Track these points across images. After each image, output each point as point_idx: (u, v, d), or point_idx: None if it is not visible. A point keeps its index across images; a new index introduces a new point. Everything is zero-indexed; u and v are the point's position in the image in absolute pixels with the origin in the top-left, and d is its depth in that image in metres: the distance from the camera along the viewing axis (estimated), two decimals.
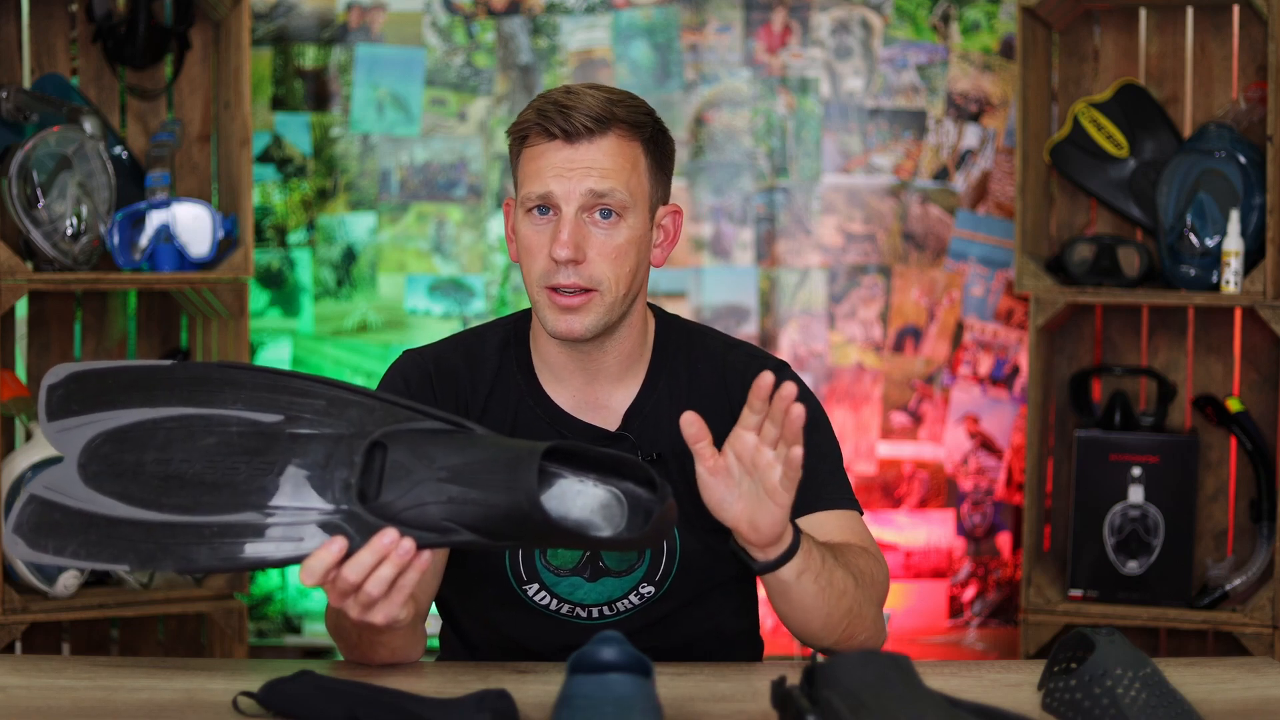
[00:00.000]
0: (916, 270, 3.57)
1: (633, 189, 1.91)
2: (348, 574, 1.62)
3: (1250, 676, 1.83)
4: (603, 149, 1.89)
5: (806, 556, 1.76)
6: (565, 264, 1.88)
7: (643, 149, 1.93)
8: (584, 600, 1.95)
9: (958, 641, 3.58)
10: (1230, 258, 3.04)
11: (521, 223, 1.93)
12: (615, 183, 1.89)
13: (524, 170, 1.92)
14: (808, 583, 1.77)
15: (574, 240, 1.88)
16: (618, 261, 1.90)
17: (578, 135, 1.89)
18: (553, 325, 1.90)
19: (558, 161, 1.89)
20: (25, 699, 1.70)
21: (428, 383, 1.98)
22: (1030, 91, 3.21)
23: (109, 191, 3.02)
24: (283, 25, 3.55)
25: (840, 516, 1.95)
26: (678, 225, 2.01)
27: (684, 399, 1.98)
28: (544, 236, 1.90)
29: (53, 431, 1.71)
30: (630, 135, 1.91)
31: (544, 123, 1.89)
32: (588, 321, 1.90)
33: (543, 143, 1.90)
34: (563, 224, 1.88)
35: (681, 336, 2.03)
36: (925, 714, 1.44)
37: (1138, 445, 3.19)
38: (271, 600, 3.55)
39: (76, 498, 1.68)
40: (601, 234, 1.90)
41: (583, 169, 1.88)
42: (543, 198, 1.90)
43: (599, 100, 1.90)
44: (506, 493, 1.61)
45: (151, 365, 1.73)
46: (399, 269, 3.57)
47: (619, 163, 1.90)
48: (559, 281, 1.89)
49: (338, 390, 1.69)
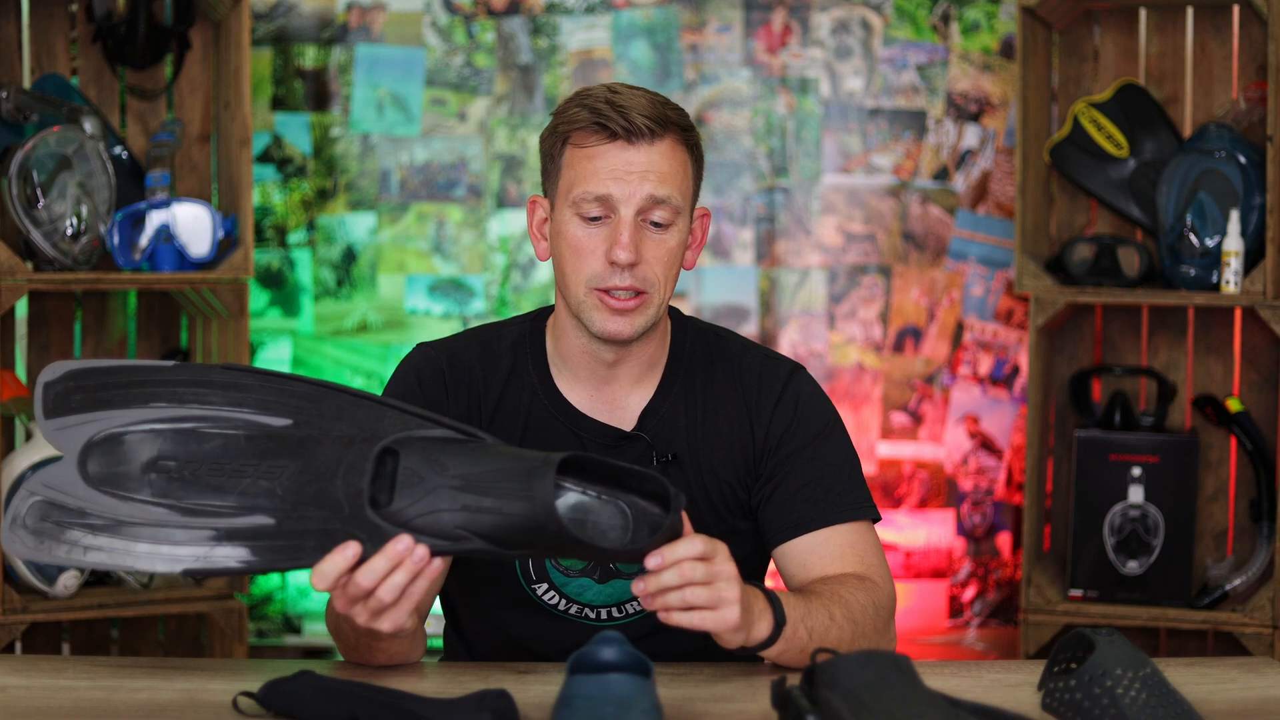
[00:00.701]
0: (916, 270, 3.57)
1: (684, 194, 1.91)
2: (360, 580, 1.61)
3: (1250, 676, 1.83)
4: (660, 152, 1.88)
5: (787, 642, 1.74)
6: (623, 268, 1.87)
7: (688, 154, 1.93)
8: (593, 601, 1.95)
9: (958, 641, 3.58)
10: (1230, 258, 3.04)
11: (569, 223, 1.90)
12: (672, 188, 1.88)
13: (576, 170, 1.89)
14: (792, 656, 1.76)
15: (634, 244, 1.87)
16: (669, 265, 1.90)
17: (639, 136, 1.87)
18: (601, 326, 1.89)
19: (617, 163, 1.87)
20: (25, 699, 1.70)
21: (440, 378, 1.97)
22: (1030, 91, 3.21)
23: (109, 191, 3.02)
24: (283, 25, 3.55)
25: (847, 533, 1.93)
26: (705, 228, 2.01)
27: (700, 401, 1.97)
28: (597, 239, 1.88)
29: (50, 429, 1.70)
30: (682, 139, 1.91)
31: (603, 121, 1.86)
32: (638, 323, 1.89)
33: (599, 143, 1.87)
34: (622, 227, 1.86)
35: (698, 338, 2.03)
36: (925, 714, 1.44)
37: (1138, 445, 3.19)
38: (271, 600, 3.55)
39: (78, 496, 1.67)
40: (655, 237, 1.89)
41: (641, 172, 1.87)
42: (601, 200, 1.87)
43: (651, 102, 1.89)
44: (522, 502, 1.60)
45: (151, 365, 1.71)
46: (399, 269, 3.57)
47: (674, 166, 1.89)
48: (614, 284, 1.87)
49: (345, 395, 1.68)
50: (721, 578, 1.65)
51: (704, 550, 1.64)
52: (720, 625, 1.66)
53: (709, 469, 1.96)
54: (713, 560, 1.64)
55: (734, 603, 1.65)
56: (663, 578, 1.63)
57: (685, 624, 1.65)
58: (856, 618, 1.82)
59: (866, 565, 1.91)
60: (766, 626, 1.72)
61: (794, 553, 1.93)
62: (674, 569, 1.63)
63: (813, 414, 1.98)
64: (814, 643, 1.75)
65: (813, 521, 1.92)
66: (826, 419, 1.99)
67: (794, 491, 1.93)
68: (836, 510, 1.93)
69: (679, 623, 1.65)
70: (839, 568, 1.90)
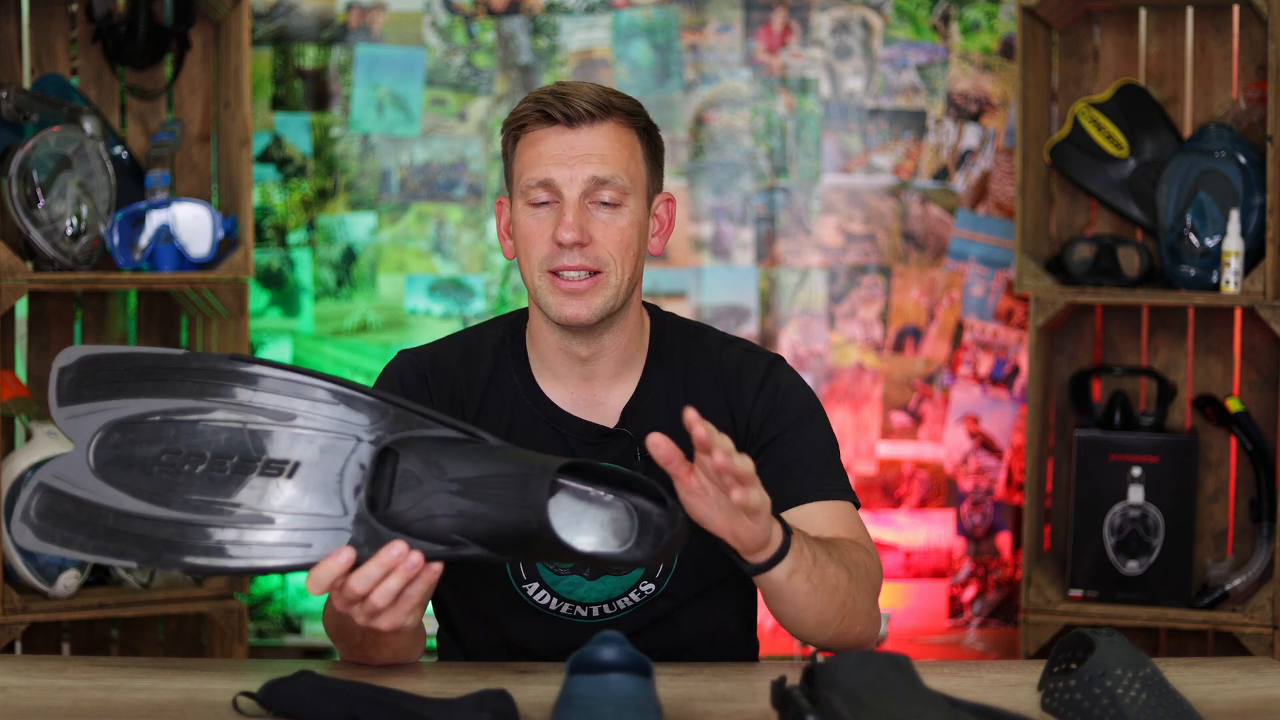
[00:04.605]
0: (916, 270, 3.57)
1: (632, 175, 1.92)
2: (354, 585, 1.62)
3: (1250, 676, 1.83)
4: (603, 134, 1.90)
5: (797, 556, 1.75)
6: (570, 247, 1.88)
7: (638, 137, 1.94)
8: (584, 599, 1.95)
9: (958, 641, 3.58)
10: (1230, 258, 3.04)
11: (520, 213, 1.93)
12: (616, 169, 1.90)
13: (522, 159, 1.92)
14: (799, 582, 1.76)
15: (579, 223, 1.88)
16: (623, 246, 1.91)
17: (579, 119, 1.89)
18: (557, 311, 1.90)
19: (558, 148, 1.90)
20: (25, 699, 1.70)
21: (424, 384, 1.98)
22: (1030, 91, 3.21)
23: (109, 191, 3.02)
24: (283, 25, 3.55)
25: (833, 508, 1.94)
26: (672, 213, 2.02)
27: (681, 395, 1.98)
28: (545, 223, 1.90)
29: (62, 417, 1.70)
30: (627, 123, 1.93)
31: (544, 108, 1.90)
32: (595, 303, 1.90)
33: (541, 129, 1.91)
34: (566, 208, 1.89)
35: (677, 333, 2.04)
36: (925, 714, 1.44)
37: (1138, 445, 3.19)
38: (271, 600, 3.55)
39: (86, 488, 1.67)
40: (604, 218, 1.90)
41: (583, 155, 1.89)
42: (544, 184, 1.90)
43: (595, 90, 1.92)
44: (517, 510, 1.60)
45: (163, 353, 1.71)
46: (399, 269, 3.57)
47: (618, 149, 1.91)
48: (563, 264, 1.89)
49: (350, 390, 1.68)
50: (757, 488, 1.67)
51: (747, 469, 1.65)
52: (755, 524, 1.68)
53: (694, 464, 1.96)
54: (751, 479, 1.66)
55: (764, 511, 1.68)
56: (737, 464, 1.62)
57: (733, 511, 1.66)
58: (850, 567, 1.83)
59: (854, 535, 1.93)
60: (779, 533, 1.73)
61: None
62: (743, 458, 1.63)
63: (793, 401, 1.99)
64: (817, 569, 1.77)
65: (796, 497, 1.93)
66: (807, 404, 2.00)
67: (776, 471, 1.94)
68: (817, 489, 1.94)
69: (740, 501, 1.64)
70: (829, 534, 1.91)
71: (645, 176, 1.95)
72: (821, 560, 1.79)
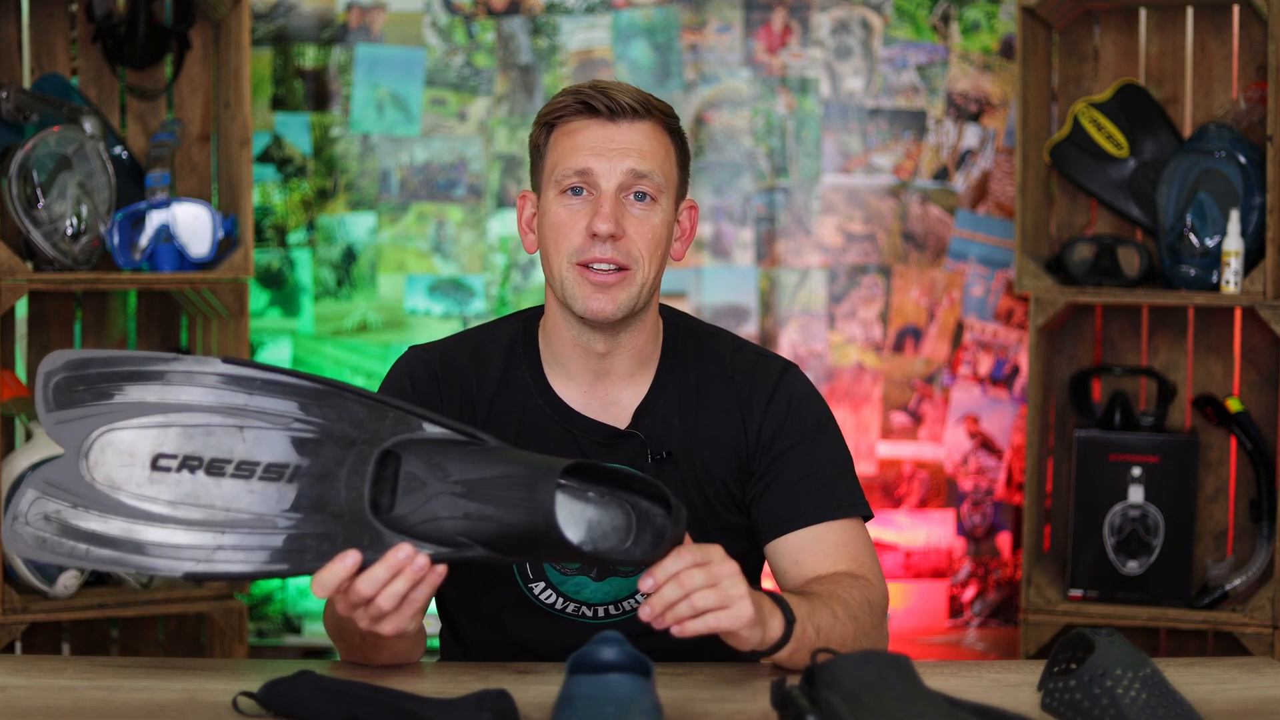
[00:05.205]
0: (916, 270, 3.57)
1: (666, 175, 1.93)
2: (361, 588, 1.61)
3: (1250, 676, 1.83)
4: (642, 131, 1.91)
5: (799, 639, 1.74)
6: (604, 240, 1.88)
7: (672, 141, 1.95)
8: (590, 599, 1.95)
9: (958, 641, 3.58)
10: (1230, 258, 3.04)
11: (552, 203, 1.92)
12: (653, 165, 1.90)
13: (557, 149, 1.92)
14: (803, 656, 1.76)
15: (615, 215, 1.88)
16: (653, 243, 1.91)
17: (621, 114, 1.90)
18: (584, 304, 1.90)
19: (598, 139, 1.90)
20: (25, 699, 1.70)
21: (434, 381, 1.97)
22: (1030, 91, 3.21)
23: (109, 191, 3.02)
24: (283, 25, 3.55)
25: (839, 530, 1.94)
26: (694, 220, 2.02)
27: (693, 398, 1.98)
28: (579, 215, 1.90)
29: (51, 423, 1.68)
30: (664, 125, 1.94)
31: (586, 100, 1.90)
32: (621, 299, 1.90)
33: (581, 120, 1.91)
34: (603, 200, 1.88)
35: (690, 336, 2.03)
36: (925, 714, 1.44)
37: (1138, 445, 3.19)
38: (271, 600, 3.55)
39: (78, 495, 1.66)
40: (638, 213, 1.91)
41: (623, 148, 1.89)
42: (581, 174, 1.89)
43: (638, 90, 1.93)
44: (524, 512, 1.60)
45: (152, 356, 1.69)
46: (399, 269, 3.57)
47: (656, 147, 1.92)
48: (594, 256, 1.88)
49: (347, 393, 1.67)
50: (724, 576, 1.65)
51: (696, 558, 1.64)
52: (736, 621, 1.65)
53: (703, 466, 1.96)
54: (709, 564, 1.64)
55: (743, 596, 1.65)
56: (664, 594, 1.63)
57: (702, 629, 1.64)
58: (856, 615, 1.83)
59: (859, 563, 1.92)
60: (779, 624, 1.72)
61: (787, 549, 1.93)
62: (672, 582, 1.62)
63: (805, 411, 1.99)
64: (820, 641, 1.76)
65: (805, 517, 1.92)
66: (819, 416, 2.00)
67: (786, 487, 1.94)
68: (829, 507, 1.94)
69: (696, 630, 1.64)
70: (832, 565, 1.91)
71: (676, 180, 1.96)
72: (826, 628, 1.78)
